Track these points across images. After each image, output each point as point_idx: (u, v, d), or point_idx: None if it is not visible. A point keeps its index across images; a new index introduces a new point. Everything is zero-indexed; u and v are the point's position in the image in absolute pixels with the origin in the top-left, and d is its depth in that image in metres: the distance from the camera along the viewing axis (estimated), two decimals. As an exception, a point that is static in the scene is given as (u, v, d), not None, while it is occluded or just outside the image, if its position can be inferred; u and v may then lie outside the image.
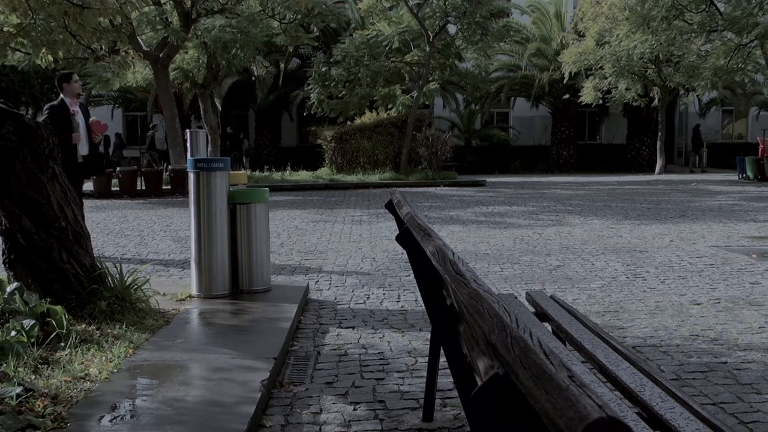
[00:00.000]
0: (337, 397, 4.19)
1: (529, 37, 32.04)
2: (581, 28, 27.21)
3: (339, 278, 7.80)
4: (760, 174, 23.76)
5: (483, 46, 25.74)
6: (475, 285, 1.54)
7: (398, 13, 26.89)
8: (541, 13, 32.82)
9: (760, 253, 9.22)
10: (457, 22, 24.98)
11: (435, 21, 24.77)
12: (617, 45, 24.87)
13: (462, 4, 23.88)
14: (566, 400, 0.89)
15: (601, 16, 25.62)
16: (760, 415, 3.88)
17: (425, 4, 24.46)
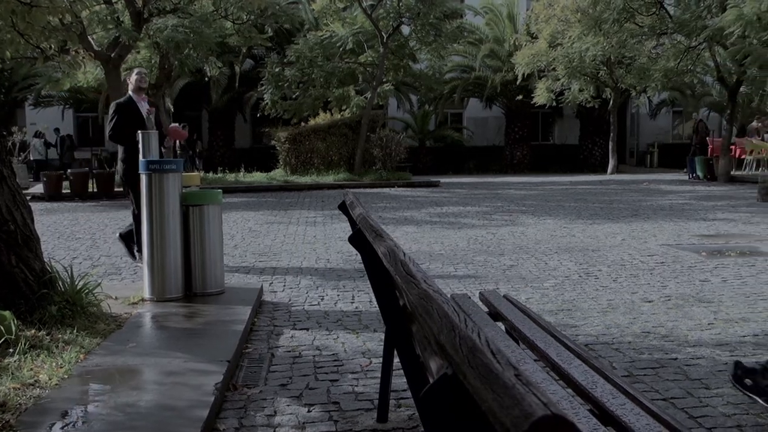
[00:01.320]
0: (292, 399, 4.18)
1: (483, 39, 32.24)
2: (534, 29, 27.46)
3: (293, 280, 7.78)
4: (710, 174, 24.16)
5: (437, 47, 25.83)
6: (425, 285, 1.55)
7: (352, 13, 26.90)
8: (494, 14, 33.03)
9: (710, 251, 9.38)
10: (410, 23, 25.04)
11: (389, 22, 24.80)
12: (570, 47, 25.11)
13: (416, 5, 23.94)
14: (512, 398, 0.91)
15: (553, 18, 25.87)
16: (708, 409, 3.94)
17: (379, 5, 24.49)
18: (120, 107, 8.66)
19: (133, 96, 8.74)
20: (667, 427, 2.18)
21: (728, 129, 24.60)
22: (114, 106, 8.77)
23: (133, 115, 8.58)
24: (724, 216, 13.40)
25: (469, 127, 35.54)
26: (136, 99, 8.73)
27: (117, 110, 8.64)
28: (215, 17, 21.68)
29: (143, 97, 8.85)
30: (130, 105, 8.66)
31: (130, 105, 8.66)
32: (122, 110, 8.62)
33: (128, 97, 8.77)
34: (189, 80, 28.57)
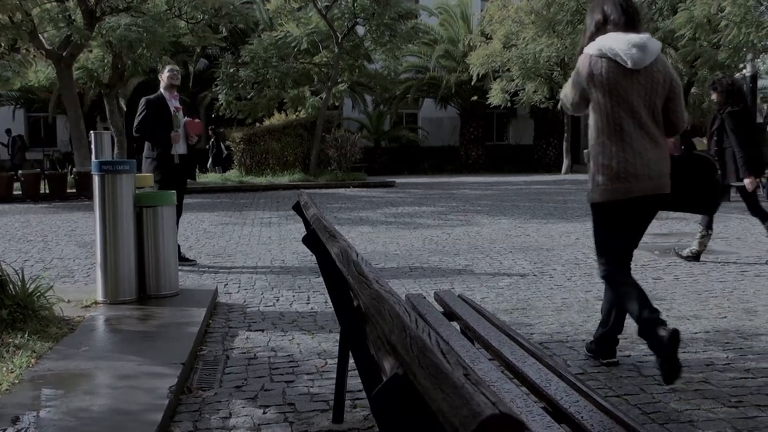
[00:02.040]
0: (247, 400, 4.16)
1: (437, 39, 32.36)
2: (488, 30, 27.63)
3: (248, 281, 7.75)
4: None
5: (391, 48, 25.88)
6: (377, 286, 1.56)
7: (307, 14, 26.83)
8: (448, 15, 33.16)
9: (662, 249, 9.51)
10: (365, 23, 25.05)
11: (343, 22, 24.79)
12: (524, 48, 25.32)
13: (370, 5, 23.96)
14: (461, 398, 0.91)
15: (507, 19, 26.07)
16: (661, 405, 4.00)
17: (334, 6, 24.46)
18: (149, 103, 8.52)
19: (164, 93, 8.61)
20: (619, 423, 2.21)
21: (679, 129, 24.94)
22: (143, 102, 8.60)
23: (161, 113, 8.46)
24: (676, 215, 13.58)
25: (424, 127, 35.64)
26: (167, 96, 8.60)
27: (146, 106, 8.50)
28: (169, 16, 21.50)
29: (174, 94, 8.71)
30: (160, 102, 8.53)
31: (160, 102, 8.53)
32: (151, 106, 8.48)
33: (159, 94, 8.64)
34: (143, 80, 28.28)
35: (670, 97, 4.33)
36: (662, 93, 4.29)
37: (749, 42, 15.52)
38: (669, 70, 4.37)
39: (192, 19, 22.22)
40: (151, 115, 8.42)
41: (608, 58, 4.21)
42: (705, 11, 16.73)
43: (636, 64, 4.18)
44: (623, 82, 4.21)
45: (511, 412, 0.85)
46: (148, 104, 8.51)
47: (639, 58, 4.18)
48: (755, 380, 4.40)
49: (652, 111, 4.28)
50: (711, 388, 4.27)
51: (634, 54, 4.17)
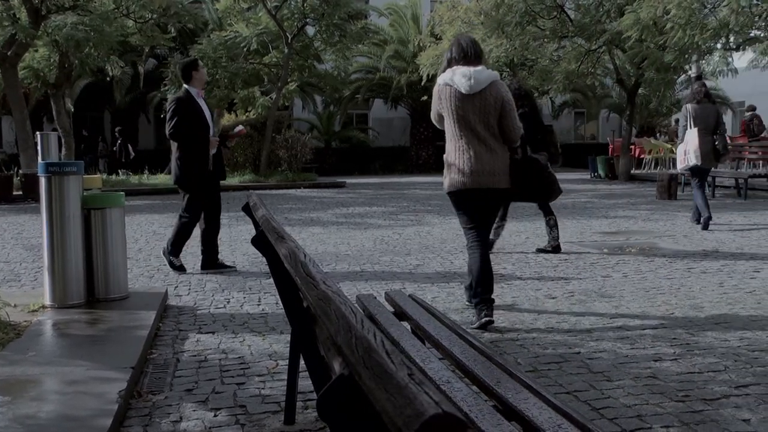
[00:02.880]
0: (198, 404, 4.13)
1: (387, 40, 32.38)
2: (438, 31, 27.69)
3: (198, 283, 7.69)
4: (611, 173, 24.83)
5: (341, 48, 25.86)
6: (324, 287, 1.56)
7: (256, 14, 26.67)
8: (398, 15, 33.20)
9: (611, 247, 9.63)
10: (315, 23, 24.99)
11: (293, 22, 24.70)
12: (473, 48, 25.37)
13: (320, 6, 23.92)
14: (405, 398, 0.91)
15: (457, 20, 26.11)
16: (610, 401, 4.05)
17: (283, 6, 24.36)
18: (180, 102, 7.98)
19: (192, 91, 8.09)
20: (568, 419, 2.23)
21: (628, 129, 25.32)
22: (174, 101, 8.04)
23: (192, 111, 7.98)
24: (624, 213, 13.78)
25: (375, 127, 35.65)
26: (195, 93, 8.10)
27: (177, 105, 7.96)
28: (116, 15, 21.21)
29: (200, 92, 8.23)
30: (190, 100, 8.02)
31: (190, 100, 8.02)
32: (182, 106, 7.95)
33: (185, 91, 8.10)
34: (91, 80, 27.91)
35: (502, 115, 5.64)
36: (494, 112, 5.62)
37: (694, 44, 15.77)
38: (501, 94, 5.65)
39: (140, 18, 21.95)
40: (182, 116, 7.91)
41: (450, 86, 5.66)
42: (651, 14, 16.96)
43: (469, 90, 5.59)
44: (461, 104, 5.63)
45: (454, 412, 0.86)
46: (179, 103, 7.97)
47: (471, 86, 5.57)
48: (701, 375, 4.47)
49: (486, 125, 5.64)
50: (659, 383, 4.34)
51: (467, 83, 5.58)
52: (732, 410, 3.89)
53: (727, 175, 18.82)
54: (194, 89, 8.08)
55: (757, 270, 7.96)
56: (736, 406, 3.95)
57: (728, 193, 18.08)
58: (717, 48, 17.00)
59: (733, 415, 3.83)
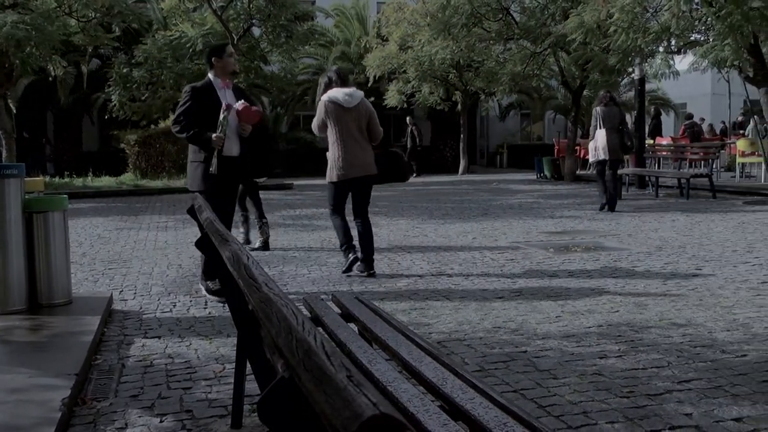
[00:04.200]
0: (143, 409, 4.08)
1: (334, 41, 32.37)
2: (384, 32, 27.76)
3: (144, 287, 7.60)
4: (556, 173, 25.11)
5: (288, 49, 25.78)
6: (266, 289, 1.55)
7: (202, 14, 26.47)
8: (344, 17, 33.21)
9: (557, 247, 9.73)
10: (261, 24, 24.88)
11: (239, 23, 24.57)
12: (420, 50, 25.51)
13: (266, 6, 23.81)
14: (343, 400, 0.91)
15: (403, 21, 26.22)
16: (556, 398, 4.09)
17: (229, 6, 24.20)
18: (194, 92, 7.01)
19: (215, 80, 7.07)
20: (514, 418, 2.24)
21: (573, 130, 25.61)
22: (188, 91, 7.08)
23: (207, 104, 6.91)
24: (570, 214, 13.94)
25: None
26: (217, 85, 7.05)
27: (189, 96, 7.00)
28: (58, 14, 20.84)
29: (227, 82, 7.15)
30: (207, 90, 7.02)
31: (207, 90, 7.02)
32: (197, 97, 6.96)
33: (206, 80, 7.12)
34: (33, 80, 27.40)
35: (369, 122, 7.87)
36: (364, 120, 7.82)
37: (637, 47, 16.01)
38: (367, 107, 7.92)
39: (83, 17, 21.61)
40: (196, 107, 6.92)
41: (334, 102, 7.71)
42: (595, 17, 17.18)
43: (347, 104, 7.70)
44: (342, 115, 7.74)
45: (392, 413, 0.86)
46: (191, 94, 6.99)
47: (349, 101, 7.69)
48: (645, 371, 4.54)
49: (360, 130, 7.80)
50: (604, 379, 4.40)
51: (348, 99, 7.67)
52: (675, 405, 3.96)
53: (670, 176, 19.15)
54: (217, 79, 7.07)
55: (699, 268, 8.11)
56: (678, 401, 4.01)
57: (671, 193, 18.39)
58: (659, 51, 17.29)
59: (675, 409, 3.89)
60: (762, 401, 4.00)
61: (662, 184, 19.05)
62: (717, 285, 7.18)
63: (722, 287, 7.08)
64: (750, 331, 5.49)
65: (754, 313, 6.05)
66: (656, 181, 18.50)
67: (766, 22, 14.09)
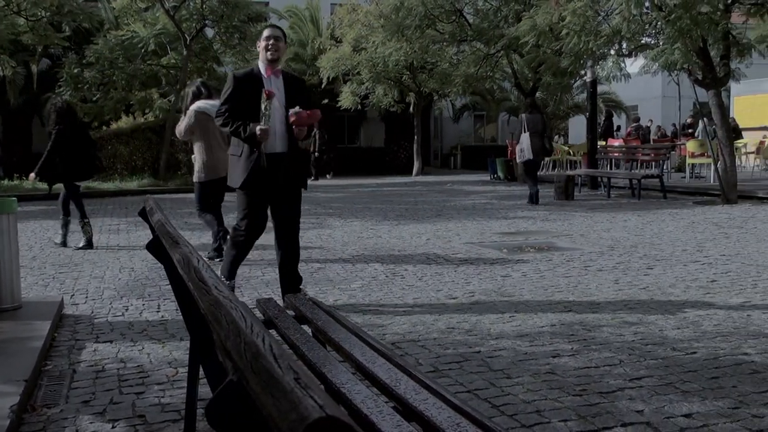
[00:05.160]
0: (95, 415, 4.02)
1: (288, 42, 32.25)
2: (338, 34, 27.74)
3: (96, 291, 7.50)
4: (510, 174, 25.29)
5: (241, 50, 25.62)
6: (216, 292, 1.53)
7: (154, 14, 26.21)
8: (298, 18, 33.14)
9: (511, 247, 9.80)
10: (214, 25, 24.71)
11: (192, 24, 24.38)
12: (373, 51, 25.53)
13: (219, 7, 23.66)
14: (290, 402, 0.91)
15: (357, 22, 26.23)
16: (510, 398, 4.12)
17: (182, 6, 24.00)
18: (237, 82, 6.32)
19: (260, 67, 6.38)
20: (467, 418, 2.25)
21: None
22: (230, 80, 6.43)
23: (249, 94, 6.20)
24: (523, 214, 14.04)
25: (277, 130, 35.39)
26: (263, 72, 6.34)
27: (228, 86, 6.37)
28: (6, 12, 20.52)
29: (276, 70, 6.39)
30: (249, 79, 6.31)
31: (249, 79, 6.31)
32: (239, 86, 6.29)
33: (251, 68, 6.50)
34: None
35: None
36: None
37: (588, 49, 16.18)
38: None
39: (32, 16, 21.30)
40: (238, 97, 6.26)
41: (203, 111, 8.80)
42: (547, 20, 17.33)
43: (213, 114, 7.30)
44: (210, 124, 8.42)
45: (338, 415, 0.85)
46: (234, 81, 6.32)
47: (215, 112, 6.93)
48: (598, 369, 4.59)
49: (221, 136, 8.73)
50: (557, 378, 4.43)
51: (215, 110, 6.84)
52: (627, 402, 4.00)
53: (622, 176, 19.38)
54: (262, 64, 6.36)
55: (650, 267, 8.22)
56: (630, 398, 4.06)
57: (623, 194, 18.62)
58: (610, 54, 17.50)
59: (627, 406, 3.94)
60: (711, 397, 4.06)
61: (614, 184, 19.28)
62: (668, 284, 7.29)
63: (673, 286, 7.18)
64: (700, 328, 5.57)
65: (703, 311, 6.14)
66: (608, 181, 18.72)
67: (714, 26, 14.34)
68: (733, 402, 4.00)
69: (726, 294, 6.80)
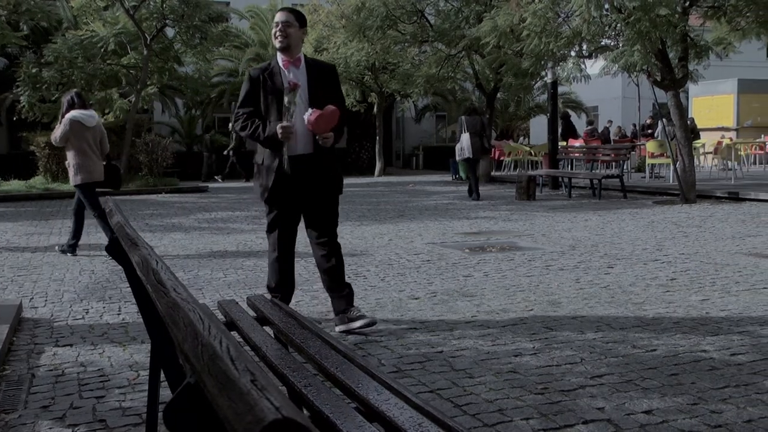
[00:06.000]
0: (54, 420, 3.97)
1: (249, 42, 32.13)
2: (300, 34, 27.64)
3: (56, 294, 7.41)
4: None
5: (202, 50, 25.46)
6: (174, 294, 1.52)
7: (114, 13, 25.95)
8: (259, 18, 33.01)
9: (473, 247, 9.84)
10: (175, 25, 24.52)
11: (152, 23, 24.16)
12: (335, 52, 25.51)
13: (179, 7, 23.47)
14: (246, 404, 0.90)
15: (318, 23, 26.20)
16: (472, 397, 4.13)
17: (142, 6, 23.79)
18: (252, 77, 5.64)
19: (279, 60, 5.61)
20: (429, 418, 2.25)
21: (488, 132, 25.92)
22: (245, 78, 5.72)
23: (270, 90, 5.53)
24: (485, 214, 14.11)
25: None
26: (282, 64, 5.58)
27: (246, 83, 5.66)
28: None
29: (295, 59, 5.58)
30: (268, 73, 5.59)
31: (268, 73, 5.59)
32: (255, 82, 5.59)
33: (266, 65, 5.74)
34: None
35: (101, 139, 9.81)
36: (99, 136, 9.75)
37: (549, 51, 16.29)
38: (101, 127, 9.93)
39: (-12, 16, 21.02)
40: (256, 98, 5.57)
41: (78, 120, 9.55)
42: (508, 21, 17.44)
43: (88, 123, 9.61)
44: (84, 132, 9.58)
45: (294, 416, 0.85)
46: (250, 79, 5.63)
47: (90, 120, 9.65)
48: (559, 368, 4.62)
49: (96, 144, 9.70)
50: (519, 377, 4.46)
51: (91, 119, 9.66)
52: (588, 400, 4.04)
53: (583, 176, 19.55)
54: (279, 55, 5.64)
55: (611, 266, 8.29)
56: (591, 396, 4.10)
57: (584, 194, 18.79)
58: (571, 55, 17.64)
59: (588, 404, 3.97)
60: (670, 394, 4.11)
61: (575, 184, 19.44)
62: (628, 282, 7.36)
63: (633, 284, 7.25)
64: (659, 326, 5.64)
65: (663, 309, 6.21)
66: (569, 181, 18.87)
67: (672, 28, 14.52)
68: (692, 398, 4.05)
69: (685, 292, 6.88)
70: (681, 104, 16.37)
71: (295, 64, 5.55)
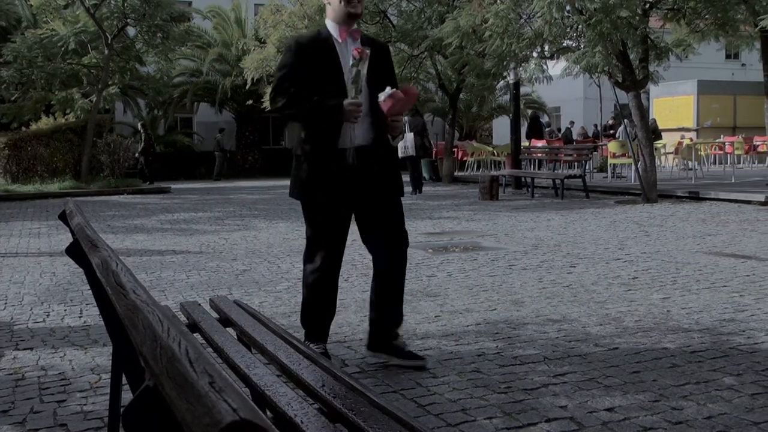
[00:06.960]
0: (14, 425, 3.91)
1: (211, 42, 31.96)
2: (262, 34, 27.57)
3: (16, 296, 7.30)
4: (435, 175, 25.45)
5: (164, 50, 25.29)
6: (134, 296, 1.51)
7: (74, 12, 25.68)
8: (222, 18, 32.87)
9: (436, 247, 9.86)
10: (136, 24, 24.33)
11: (113, 22, 23.96)
12: (298, 52, 25.39)
13: (141, 6, 23.30)
14: (204, 407, 0.90)
15: (281, 23, 26.08)
16: (436, 397, 4.14)
17: (102, 5, 23.57)
18: (297, 49, 4.49)
19: (332, 28, 4.52)
20: (392, 418, 2.26)
21: (450, 132, 26.02)
22: (290, 47, 4.57)
23: (319, 64, 4.44)
24: (449, 214, 14.15)
25: (200, 132, 35.08)
26: (335, 34, 4.50)
27: (287, 55, 4.54)
28: None
29: (354, 29, 4.56)
30: (316, 45, 4.49)
31: (316, 45, 4.49)
32: (299, 55, 4.46)
33: (317, 31, 4.62)
34: None
35: None
36: None
37: (511, 52, 16.39)
38: None
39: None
40: (302, 73, 4.46)
41: None
42: (470, 22, 17.51)
43: None
44: None
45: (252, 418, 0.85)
46: (297, 50, 4.49)
47: None
48: (522, 366, 4.65)
49: None
50: (482, 376, 4.47)
51: None
52: (550, 398, 4.06)
53: (545, 177, 19.68)
54: (333, 24, 4.53)
55: (573, 265, 8.36)
56: (554, 394, 4.12)
57: (546, 194, 18.91)
58: (533, 56, 17.76)
59: (551, 402, 4.00)
60: (632, 391, 4.15)
61: (538, 184, 19.56)
62: (590, 281, 7.42)
63: (595, 283, 7.31)
64: (621, 324, 5.69)
65: (625, 307, 6.27)
66: (532, 182, 18.99)
67: (633, 30, 14.67)
68: (653, 395, 4.09)
69: (647, 290, 6.95)
70: (642, 105, 16.55)
71: (352, 35, 4.51)
